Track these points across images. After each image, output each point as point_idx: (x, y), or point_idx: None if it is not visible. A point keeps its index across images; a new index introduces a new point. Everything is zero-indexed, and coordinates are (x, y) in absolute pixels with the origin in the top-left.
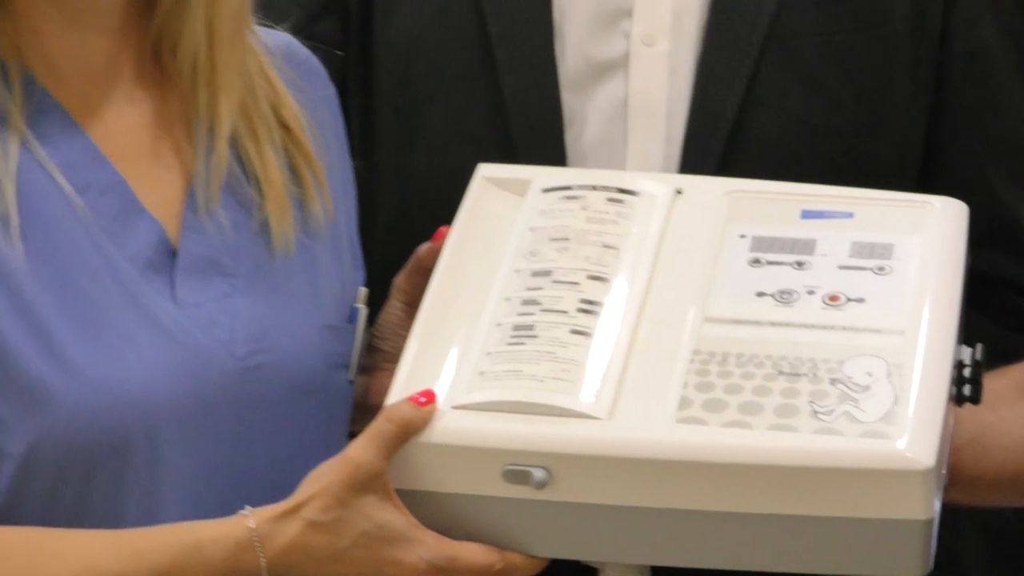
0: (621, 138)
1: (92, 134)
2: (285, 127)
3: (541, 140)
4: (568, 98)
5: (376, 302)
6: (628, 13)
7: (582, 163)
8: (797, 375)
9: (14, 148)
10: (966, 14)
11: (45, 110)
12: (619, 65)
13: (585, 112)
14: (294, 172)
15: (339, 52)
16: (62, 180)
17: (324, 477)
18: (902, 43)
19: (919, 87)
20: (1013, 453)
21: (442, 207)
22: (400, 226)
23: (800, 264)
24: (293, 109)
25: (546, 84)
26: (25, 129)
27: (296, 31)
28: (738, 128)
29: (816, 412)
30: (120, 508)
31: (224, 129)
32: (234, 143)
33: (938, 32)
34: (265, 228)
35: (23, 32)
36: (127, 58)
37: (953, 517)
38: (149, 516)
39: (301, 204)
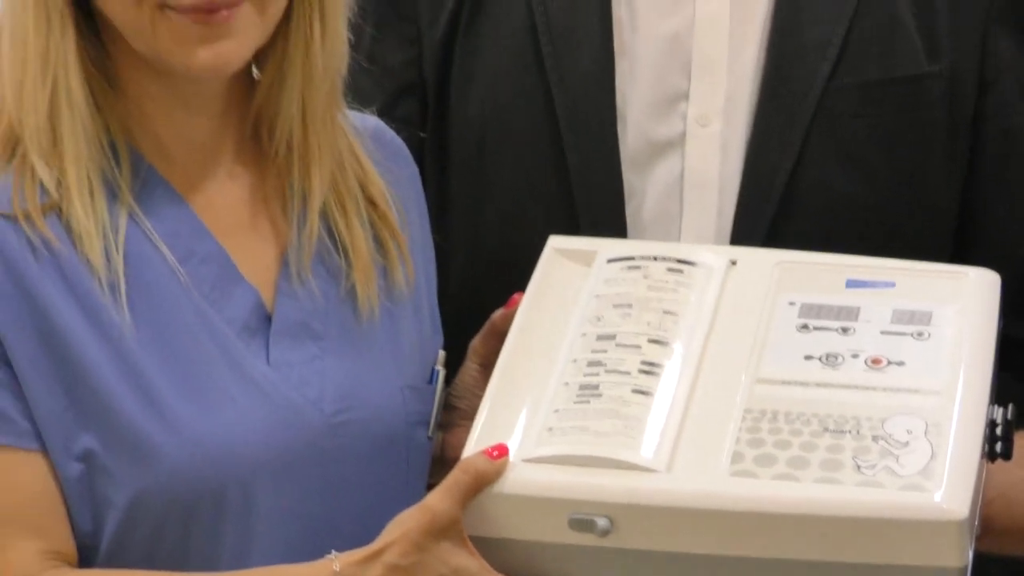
0: (677, 211)
1: (195, 207)
2: (372, 202)
3: (604, 213)
4: (629, 175)
5: (452, 363)
6: (685, 96)
7: (642, 235)
8: (842, 432)
9: (123, 221)
10: (999, 99)
11: (152, 185)
12: (676, 144)
13: (644, 187)
14: (379, 243)
15: (420, 133)
16: (166, 250)
17: (404, 524)
18: (939, 125)
19: (954, 165)
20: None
21: (513, 275)
22: (474, 293)
23: (845, 330)
24: (379, 186)
25: (609, 162)
26: (133, 203)
27: (381, 113)
28: (785, 202)
29: (859, 466)
30: (216, 552)
31: (316, 203)
32: (325, 216)
33: (971, 115)
34: (352, 295)
35: (133, 113)
36: (228, 137)
37: (984, 565)
38: (243, 560)
39: (385, 273)
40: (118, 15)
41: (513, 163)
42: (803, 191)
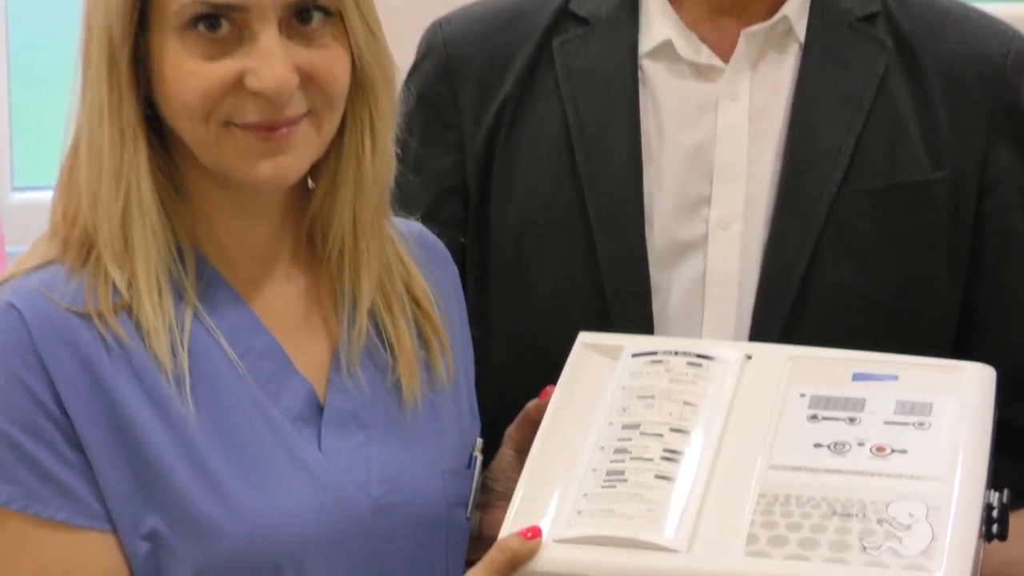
0: (699, 308)
1: (254, 306)
2: (416, 302)
3: (632, 310)
4: (655, 273)
5: (489, 448)
6: (707, 201)
7: (667, 329)
8: (849, 515)
9: (188, 319)
10: (998, 204)
11: (214, 286)
12: (699, 245)
13: (669, 285)
14: (422, 339)
15: (461, 237)
16: (227, 346)
17: None
18: (942, 227)
19: (956, 265)
20: None
21: (546, 367)
22: (510, 383)
23: (852, 420)
24: (423, 287)
25: (637, 262)
26: (197, 303)
27: (425, 217)
28: (800, 300)
29: (865, 547)
30: None
31: (365, 304)
32: (373, 315)
33: (972, 218)
34: (397, 387)
35: (198, 220)
36: (285, 243)
37: None
38: None
39: (428, 366)
40: (186, 131)
41: (549, 262)
42: (816, 290)
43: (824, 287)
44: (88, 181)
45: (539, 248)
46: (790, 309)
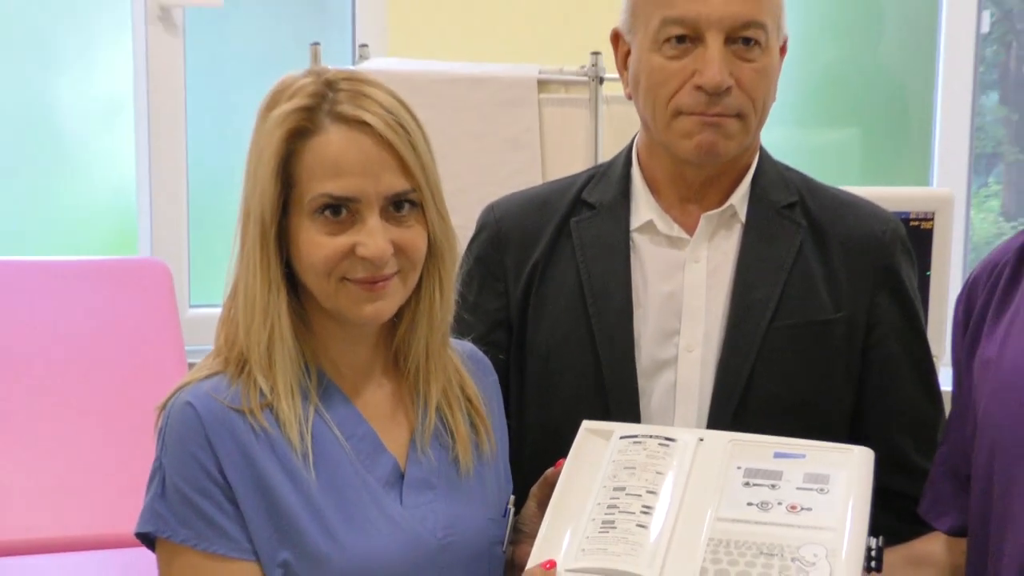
0: (672, 406)
1: (357, 404)
2: (468, 399)
3: (624, 407)
4: (641, 382)
5: (519, 502)
6: (677, 332)
7: (648, 420)
8: (771, 555)
9: (311, 414)
10: (880, 334)
11: (330, 391)
12: (671, 363)
13: (652, 390)
14: (473, 427)
15: (501, 355)
16: (338, 433)
17: None
18: (841, 353)
19: (850, 379)
20: None
21: (561, 445)
22: (536, 458)
23: (773, 486)
24: (473, 389)
25: (628, 374)
26: (318, 402)
27: (476, 340)
28: (741, 403)
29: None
30: None
31: (433, 404)
32: (438, 410)
33: (862, 344)
34: (455, 460)
35: (319, 345)
36: (378, 361)
37: None
38: None
39: (476, 446)
40: (313, 284)
41: (568, 375)
42: (753, 395)
43: (759, 393)
44: (244, 317)
45: (561, 365)
46: (734, 409)
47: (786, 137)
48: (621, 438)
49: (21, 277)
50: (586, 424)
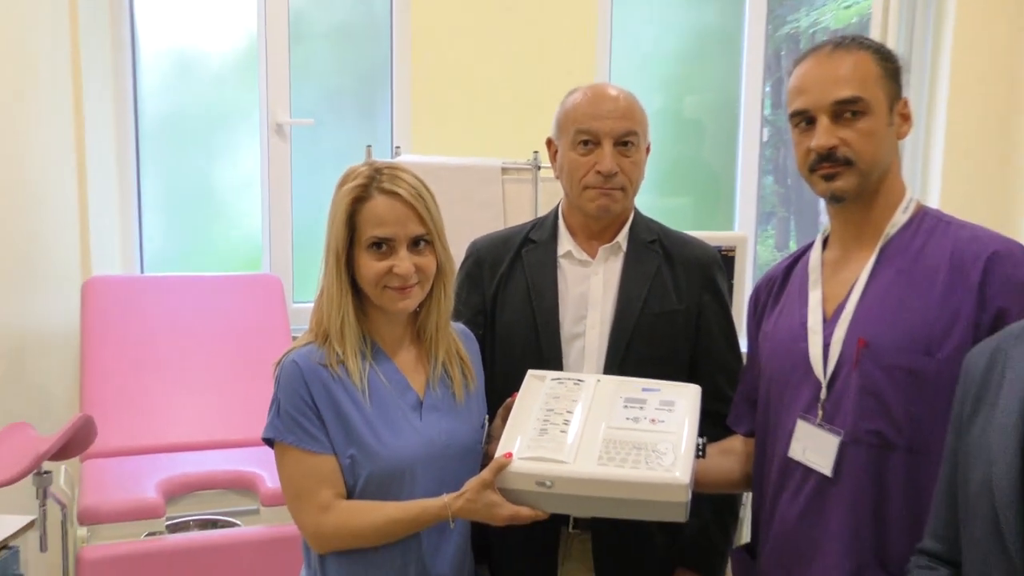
0: (582, 361)
1: (394, 361)
2: (461, 358)
3: (553, 363)
4: (564, 348)
5: (490, 419)
6: (585, 317)
7: (568, 370)
8: (640, 449)
9: (368, 367)
10: (705, 315)
11: (378, 353)
12: (581, 335)
13: (569, 352)
14: (464, 374)
15: (481, 332)
16: (382, 377)
17: (472, 483)
18: (683, 332)
19: (689, 346)
20: (712, 475)
21: (515, 386)
22: (501, 394)
23: (641, 407)
24: (464, 351)
25: (556, 343)
26: (371, 360)
27: (466, 323)
28: (624, 358)
29: (647, 461)
30: (397, 497)
31: (440, 360)
32: (443, 364)
33: (695, 326)
34: (453, 394)
35: (371, 326)
36: (407, 334)
37: (697, 498)
38: (410, 499)
39: (466, 386)
40: (368, 289)
41: (519, 344)
42: (631, 354)
43: (633, 354)
44: (327, 310)
45: (516, 338)
46: (619, 363)
47: (650, 201)
48: (551, 380)
49: (192, 286)
50: (530, 372)
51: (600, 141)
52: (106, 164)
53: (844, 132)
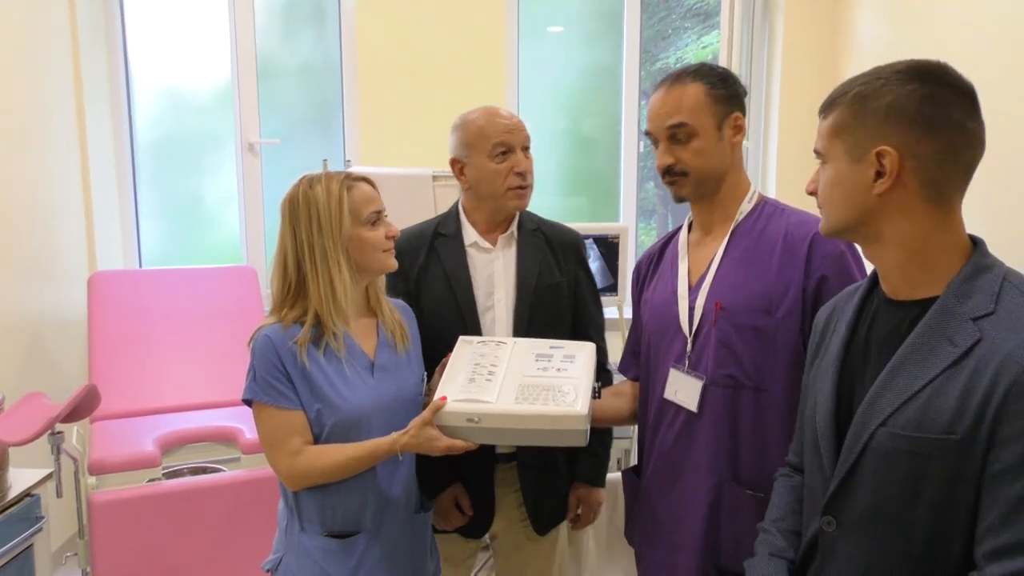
0: (494, 328)
1: (350, 331)
2: (400, 325)
3: (472, 330)
4: (480, 318)
5: (428, 373)
6: (492, 293)
7: (488, 334)
8: (549, 391)
9: (330, 338)
10: (579, 288)
11: (338, 327)
12: (492, 308)
13: (484, 322)
14: (403, 337)
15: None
16: (342, 346)
17: (415, 421)
18: (567, 300)
19: (572, 310)
20: (607, 412)
21: (447, 349)
22: (435, 355)
23: (550, 359)
24: (401, 321)
25: (473, 314)
26: (340, 342)
27: (403, 297)
28: (529, 324)
29: (554, 399)
30: (356, 440)
31: (387, 327)
32: (390, 332)
33: (573, 292)
34: (396, 354)
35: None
36: (365, 303)
37: (596, 430)
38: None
39: (405, 347)
40: (372, 254)
41: (444, 319)
42: (532, 321)
43: (534, 320)
44: (326, 293)
45: (441, 319)
46: (525, 329)
47: (555, 201)
48: (477, 343)
49: (182, 277)
50: (461, 337)
51: (514, 149)
52: (108, 181)
53: (678, 151)
